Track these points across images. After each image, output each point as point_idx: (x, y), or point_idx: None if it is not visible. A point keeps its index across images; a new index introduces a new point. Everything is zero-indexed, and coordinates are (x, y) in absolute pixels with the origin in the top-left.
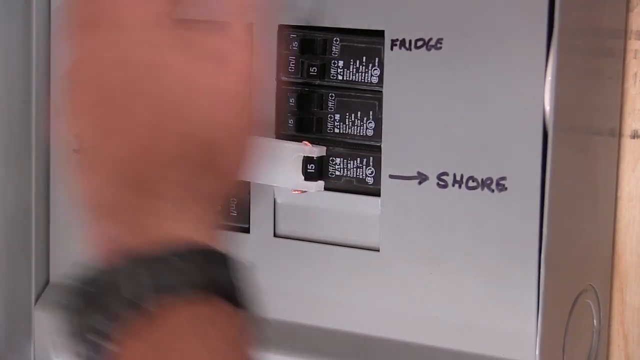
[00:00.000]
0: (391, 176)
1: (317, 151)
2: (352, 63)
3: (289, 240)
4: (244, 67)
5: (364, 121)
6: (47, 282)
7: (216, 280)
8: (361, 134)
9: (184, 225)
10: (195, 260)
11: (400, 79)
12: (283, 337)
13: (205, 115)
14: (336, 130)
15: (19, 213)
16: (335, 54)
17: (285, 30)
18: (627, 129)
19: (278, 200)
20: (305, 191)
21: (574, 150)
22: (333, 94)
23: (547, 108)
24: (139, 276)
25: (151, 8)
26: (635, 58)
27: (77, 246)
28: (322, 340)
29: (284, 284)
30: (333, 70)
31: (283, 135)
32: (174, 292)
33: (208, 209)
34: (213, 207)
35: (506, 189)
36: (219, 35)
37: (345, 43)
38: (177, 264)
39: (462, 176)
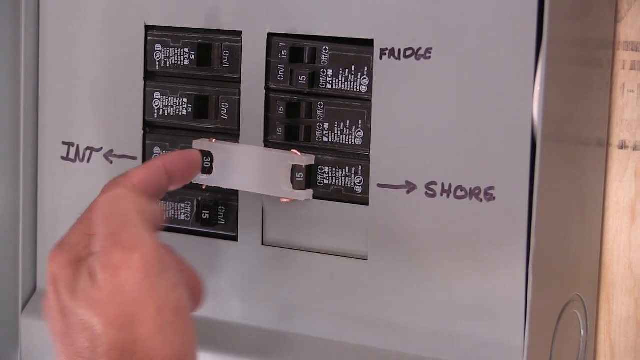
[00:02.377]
0: (379, 185)
1: (305, 160)
2: (341, 72)
3: (277, 248)
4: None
5: (353, 130)
6: (34, 289)
7: None
8: (350, 142)
9: None
10: None
11: (389, 88)
12: (271, 346)
13: None
14: (325, 139)
15: (6, 219)
16: (324, 62)
17: (274, 38)
18: (615, 139)
19: (266, 209)
20: (293, 200)
21: (562, 160)
22: (322, 103)
23: (536, 118)
24: None
25: None
26: (623, 69)
27: None
28: (310, 349)
29: (272, 293)
30: (322, 79)
31: (272, 143)
32: None
33: None
34: None
35: (494, 198)
36: None
37: (334, 52)
38: None
39: (450, 185)
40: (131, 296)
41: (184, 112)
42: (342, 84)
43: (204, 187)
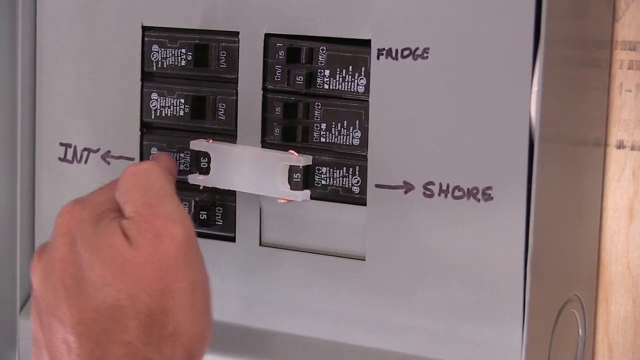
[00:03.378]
0: (377, 185)
1: (303, 160)
2: (338, 72)
3: (274, 249)
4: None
5: (350, 130)
6: (32, 291)
7: None
8: (347, 143)
9: None
10: None
11: (387, 88)
12: (268, 346)
13: None
14: (322, 140)
15: (3, 220)
16: (321, 63)
17: (271, 39)
18: (613, 139)
19: (264, 209)
20: (291, 200)
21: (560, 160)
22: (319, 103)
23: (533, 118)
24: None
25: None
26: (620, 68)
27: None
28: (307, 349)
29: (270, 293)
30: (319, 79)
31: (269, 144)
32: None
33: None
34: None
35: (492, 198)
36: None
37: (331, 52)
38: None
39: (448, 186)
40: (169, 266)
41: (181, 113)
42: (339, 84)
43: (201, 188)
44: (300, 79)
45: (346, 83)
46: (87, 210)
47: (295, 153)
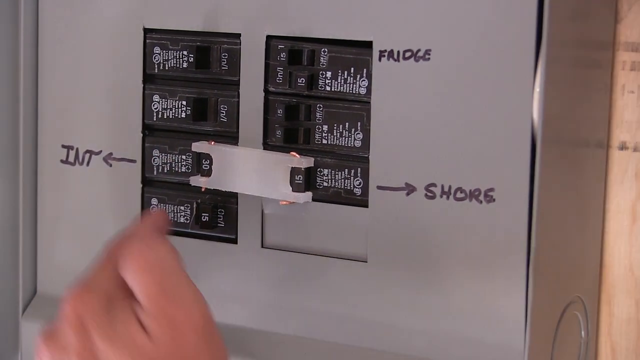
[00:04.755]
0: (379, 187)
1: (305, 162)
2: (340, 74)
3: (276, 251)
4: None
5: (352, 132)
6: (34, 293)
7: None
8: (349, 145)
9: None
10: None
11: (389, 90)
12: (271, 348)
13: None
14: (324, 142)
15: (6, 222)
16: (323, 65)
17: (273, 41)
18: (615, 141)
19: (266, 211)
20: (293, 202)
21: (562, 161)
22: (321, 105)
23: (536, 119)
24: None
25: None
26: (623, 69)
27: (65, 256)
28: (309, 351)
29: (272, 295)
30: (321, 81)
31: (271, 146)
32: None
33: None
34: None
35: (494, 200)
36: None
37: (333, 54)
38: None
39: (450, 187)
40: (191, 356)
41: (183, 115)
42: (341, 86)
43: (203, 190)
44: (302, 80)
45: (348, 85)
46: (95, 295)
47: (297, 155)
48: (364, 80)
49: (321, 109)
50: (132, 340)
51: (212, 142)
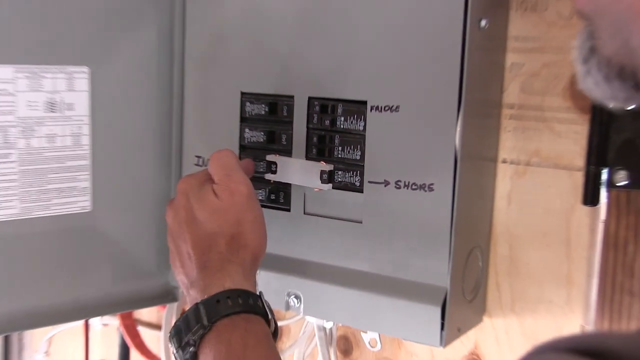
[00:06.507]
0: (369, 182)
1: (328, 167)
2: (349, 118)
3: (312, 216)
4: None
5: (355, 151)
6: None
7: (254, 308)
8: (353, 158)
9: (233, 281)
10: (241, 296)
11: (375, 128)
12: (302, 268)
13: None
14: (339, 156)
15: (162, 206)
16: (339, 113)
17: (311, 99)
18: (500, 157)
19: (306, 194)
20: (322, 189)
21: (472, 168)
22: (338, 136)
23: (457, 144)
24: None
25: None
26: (506, 118)
27: None
28: (324, 272)
29: (309, 239)
30: (338, 122)
31: (309, 157)
32: (230, 316)
33: (247, 272)
34: (250, 270)
35: (433, 190)
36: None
37: (345, 107)
38: (230, 300)
39: (408, 182)
40: (241, 208)
41: (261, 140)
42: (349, 125)
43: (272, 182)
44: (327, 122)
45: (353, 125)
46: (194, 179)
47: (324, 163)
48: (362, 122)
49: (338, 138)
50: (209, 200)
51: (277, 155)
